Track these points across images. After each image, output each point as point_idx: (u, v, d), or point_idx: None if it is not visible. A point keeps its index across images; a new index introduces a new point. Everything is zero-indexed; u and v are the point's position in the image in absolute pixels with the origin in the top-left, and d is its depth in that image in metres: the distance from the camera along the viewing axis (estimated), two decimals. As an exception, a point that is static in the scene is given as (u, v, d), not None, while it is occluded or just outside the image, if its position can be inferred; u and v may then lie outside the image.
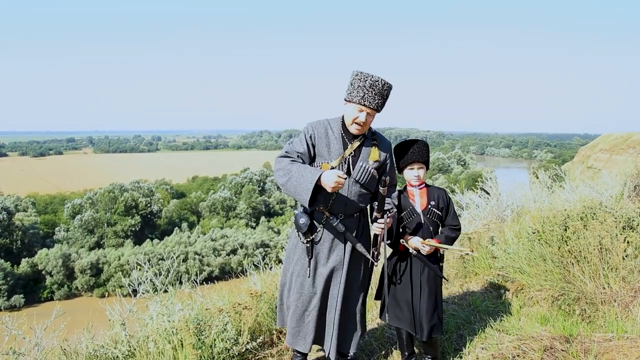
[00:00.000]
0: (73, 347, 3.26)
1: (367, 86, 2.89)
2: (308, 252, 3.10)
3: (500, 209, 7.37)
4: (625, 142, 37.24)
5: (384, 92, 2.93)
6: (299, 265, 3.15)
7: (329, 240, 3.10)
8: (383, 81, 2.90)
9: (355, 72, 2.94)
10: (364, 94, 2.89)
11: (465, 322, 4.20)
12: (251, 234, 47.16)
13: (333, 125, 3.11)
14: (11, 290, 36.07)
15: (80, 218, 46.91)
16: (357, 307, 3.21)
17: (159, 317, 3.39)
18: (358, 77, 2.92)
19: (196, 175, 78.45)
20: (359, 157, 3.08)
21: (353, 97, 2.94)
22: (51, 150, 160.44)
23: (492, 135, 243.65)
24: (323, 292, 3.11)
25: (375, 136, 3.18)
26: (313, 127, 3.09)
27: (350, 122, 3.01)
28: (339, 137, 3.08)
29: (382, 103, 2.96)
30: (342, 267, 3.11)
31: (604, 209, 4.61)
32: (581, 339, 3.42)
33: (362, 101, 2.91)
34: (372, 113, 2.97)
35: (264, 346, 3.77)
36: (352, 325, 3.21)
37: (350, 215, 3.12)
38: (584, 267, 4.14)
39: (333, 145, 3.06)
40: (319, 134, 3.06)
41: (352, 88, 2.95)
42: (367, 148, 3.10)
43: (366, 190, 3.10)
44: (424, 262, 3.18)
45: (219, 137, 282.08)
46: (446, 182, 58.36)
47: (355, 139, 3.08)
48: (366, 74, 2.91)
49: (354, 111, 2.97)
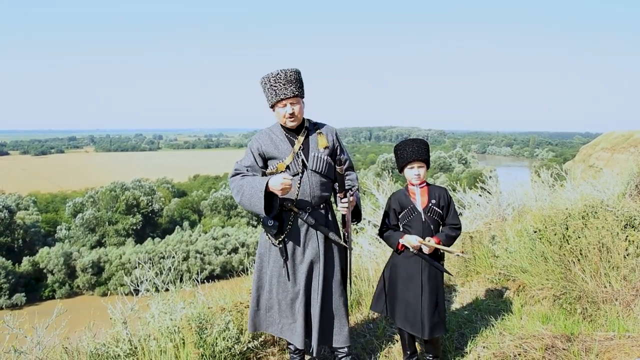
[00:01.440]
0: (75, 345, 3.27)
1: (273, 82, 3.03)
2: (282, 252, 3.13)
3: (501, 207, 7.37)
4: (626, 141, 37.21)
5: (291, 78, 3.04)
6: (276, 266, 3.17)
7: (302, 236, 3.14)
8: (284, 70, 3.03)
9: (260, 79, 3.10)
10: (275, 90, 3.03)
11: (467, 320, 4.20)
12: (252, 232, 47.11)
13: (274, 130, 3.22)
14: (12, 288, 36.08)
15: (82, 217, 46.93)
16: (336, 297, 3.20)
17: (160, 315, 3.40)
18: (264, 81, 3.08)
19: (197, 173, 78.51)
20: (309, 148, 3.15)
21: (271, 99, 3.08)
22: (53, 149, 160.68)
23: (493, 134, 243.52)
24: (306, 287, 3.14)
25: (317, 125, 3.27)
26: (256, 138, 3.22)
27: (283, 121, 3.11)
28: (283, 137, 3.17)
29: (297, 87, 3.06)
30: (319, 259, 3.14)
31: (605, 208, 4.60)
32: (582, 337, 3.42)
33: (277, 97, 3.04)
34: (295, 101, 3.08)
35: (266, 345, 3.77)
36: (334, 318, 3.20)
37: (317, 207, 3.17)
38: (585, 266, 4.14)
39: (281, 146, 3.14)
40: (264, 142, 3.16)
41: (266, 92, 3.10)
42: (314, 137, 3.19)
43: (326, 179, 3.17)
44: (426, 260, 3.18)
45: (220, 135, 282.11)
46: (447, 180, 58.29)
47: (299, 134, 3.17)
48: (267, 74, 3.06)
49: (280, 110, 3.08)
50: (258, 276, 3.28)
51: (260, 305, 3.27)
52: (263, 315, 3.27)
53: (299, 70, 3.08)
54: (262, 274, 3.27)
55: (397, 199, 3.31)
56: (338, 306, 3.20)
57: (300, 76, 3.10)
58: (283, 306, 3.18)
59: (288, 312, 3.18)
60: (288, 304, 3.17)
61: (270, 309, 3.23)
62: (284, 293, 3.16)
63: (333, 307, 3.19)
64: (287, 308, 3.17)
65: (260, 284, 3.27)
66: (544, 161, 78.47)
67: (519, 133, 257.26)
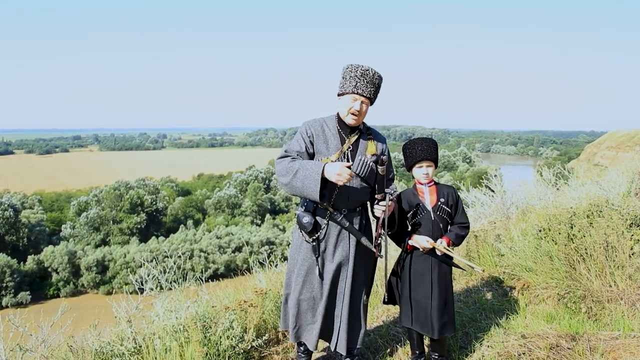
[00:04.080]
0: (79, 344, 3.28)
1: (359, 75, 2.97)
2: (314, 250, 3.10)
3: (505, 206, 7.35)
4: (631, 140, 37.06)
5: (375, 81, 3.01)
6: (305, 264, 3.14)
7: (334, 236, 3.11)
8: (373, 70, 3.00)
9: (347, 65, 3.03)
10: (356, 82, 2.97)
11: (471, 319, 4.20)
12: (256, 231, 47.16)
13: (329, 122, 3.15)
14: (17, 287, 36.28)
15: (86, 215, 47.12)
16: (361, 301, 3.21)
17: (165, 314, 3.40)
18: (349, 69, 3.02)
19: (201, 172, 78.58)
20: (357, 151, 3.11)
21: (346, 87, 3.02)
22: (57, 148, 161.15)
23: (497, 132, 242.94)
24: (331, 287, 3.12)
25: (371, 131, 3.23)
26: (309, 125, 3.13)
27: (345, 113, 3.05)
28: (335, 132, 3.12)
29: (374, 92, 3.03)
30: (348, 261, 3.13)
31: (610, 207, 4.59)
32: (587, 337, 3.41)
33: (355, 89, 2.98)
34: (366, 102, 3.04)
35: (270, 343, 3.78)
36: (357, 320, 3.21)
37: (353, 210, 3.13)
38: (590, 265, 4.12)
39: (331, 141, 3.09)
40: (315, 132, 3.10)
41: (345, 80, 3.03)
42: (364, 142, 3.14)
43: (366, 184, 3.12)
44: (435, 258, 3.19)
45: (224, 134, 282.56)
46: (451, 179, 58.27)
47: (352, 134, 3.12)
48: (357, 64, 3.00)
49: (348, 101, 3.02)
50: (289, 276, 3.27)
51: (290, 303, 3.25)
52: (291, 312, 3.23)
53: (382, 77, 3.05)
54: (291, 273, 3.25)
55: (405, 197, 3.30)
56: (361, 308, 3.20)
57: (381, 84, 3.07)
58: (304, 306, 3.15)
59: (309, 313, 3.16)
60: (310, 304, 3.14)
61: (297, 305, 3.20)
62: (308, 292, 3.14)
63: (358, 309, 3.19)
64: (308, 308, 3.15)
65: (289, 282, 3.26)
66: (549, 160, 78.24)
67: (524, 132, 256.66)
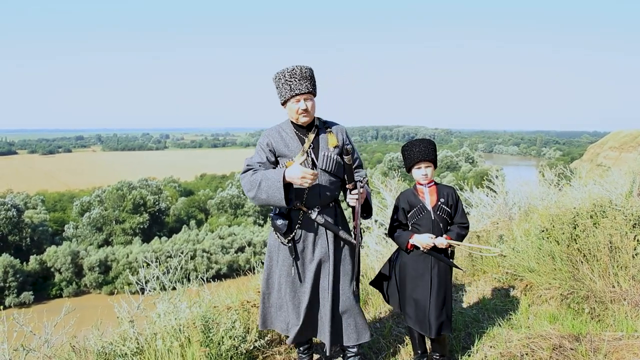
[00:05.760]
0: (82, 344, 3.29)
1: (288, 78, 3.02)
2: (291, 251, 3.12)
3: (507, 207, 7.34)
4: (634, 140, 36.99)
5: (306, 74, 3.04)
6: (285, 265, 3.17)
7: (312, 235, 3.14)
8: (299, 66, 3.04)
9: (274, 75, 3.09)
10: (290, 85, 3.02)
11: (474, 320, 4.19)
12: (259, 231, 47.22)
13: (285, 127, 3.21)
14: (20, 287, 36.40)
15: (89, 215, 47.23)
16: (348, 296, 3.19)
17: (167, 314, 3.40)
18: (278, 77, 3.07)
19: (204, 173, 78.71)
20: (319, 147, 3.15)
21: (284, 94, 3.06)
22: (60, 148, 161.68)
23: (500, 132, 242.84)
24: (313, 286, 3.14)
25: (327, 124, 3.27)
26: (266, 134, 3.21)
27: (295, 117, 3.10)
28: (293, 135, 3.16)
29: (311, 85, 3.06)
30: (329, 258, 3.14)
31: (613, 207, 4.57)
32: (590, 337, 3.40)
33: (292, 92, 3.02)
34: (309, 97, 3.07)
35: (272, 344, 3.77)
36: (346, 317, 3.19)
37: (326, 206, 3.17)
38: (593, 265, 4.11)
39: (291, 144, 3.13)
40: (274, 139, 3.16)
41: (279, 89, 3.09)
42: (323, 136, 3.18)
43: (335, 178, 3.16)
44: (435, 258, 3.18)
45: (227, 134, 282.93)
46: (454, 180, 58.18)
47: (310, 132, 3.16)
48: (282, 70, 3.06)
49: (293, 105, 3.06)
50: (268, 274, 3.28)
51: (271, 303, 3.28)
52: (274, 313, 3.28)
53: (312, 68, 3.09)
54: (271, 273, 3.27)
55: (405, 198, 3.30)
56: (350, 305, 3.19)
57: (314, 74, 3.10)
58: (290, 306, 3.18)
59: (294, 312, 3.18)
60: (295, 303, 3.17)
61: (281, 308, 3.24)
62: (292, 292, 3.16)
63: (345, 306, 3.18)
64: (294, 308, 3.18)
65: (269, 283, 3.28)
66: (552, 160, 78.13)
67: (526, 132, 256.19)
